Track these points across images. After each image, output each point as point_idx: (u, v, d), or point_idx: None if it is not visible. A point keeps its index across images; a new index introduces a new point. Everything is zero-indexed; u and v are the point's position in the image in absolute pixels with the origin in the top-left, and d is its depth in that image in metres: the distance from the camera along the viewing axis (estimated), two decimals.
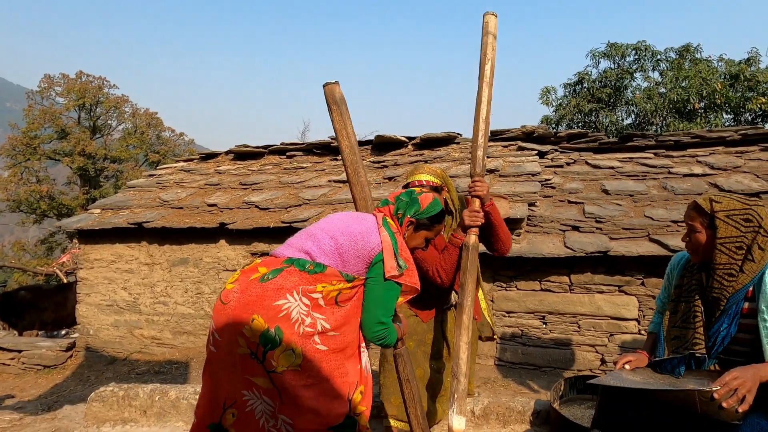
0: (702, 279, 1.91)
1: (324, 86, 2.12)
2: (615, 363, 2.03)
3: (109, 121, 22.71)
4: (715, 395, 1.56)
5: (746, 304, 1.79)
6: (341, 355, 1.58)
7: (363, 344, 1.70)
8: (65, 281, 11.29)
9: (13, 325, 8.12)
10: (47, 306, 8.32)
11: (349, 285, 1.61)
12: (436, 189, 2.37)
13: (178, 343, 5.77)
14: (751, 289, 1.78)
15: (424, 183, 2.34)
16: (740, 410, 1.57)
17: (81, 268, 6.16)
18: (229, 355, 1.55)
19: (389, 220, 1.80)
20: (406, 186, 2.43)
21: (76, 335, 6.67)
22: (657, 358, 2.03)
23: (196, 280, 5.69)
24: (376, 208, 1.89)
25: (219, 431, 1.57)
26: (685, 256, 2.07)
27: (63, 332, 8.68)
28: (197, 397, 2.83)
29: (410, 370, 2.01)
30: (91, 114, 21.80)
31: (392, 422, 2.41)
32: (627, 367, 1.97)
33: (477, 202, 2.24)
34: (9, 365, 5.85)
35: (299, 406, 1.48)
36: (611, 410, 1.96)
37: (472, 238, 2.19)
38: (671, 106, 11.64)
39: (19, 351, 5.90)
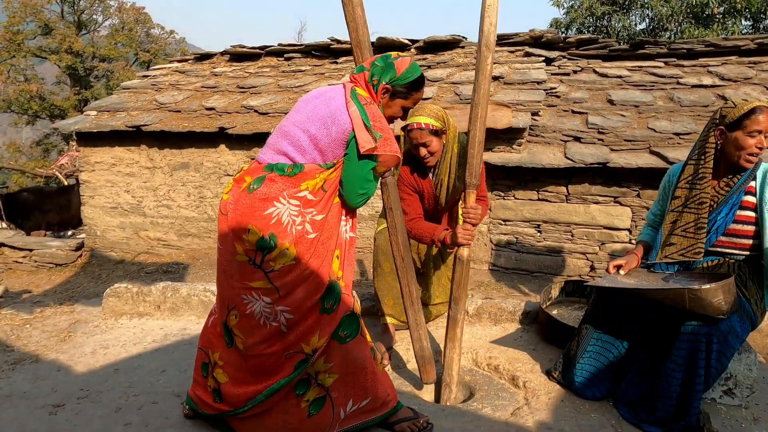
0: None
1: None
2: (607, 267, 2.16)
3: (94, 16, 21.48)
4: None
5: (747, 197, 1.93)
6: (328, 233, 1.67)
7: (344, 212, 1.73)
8: (66, 183, 11.37)
9: (20, 226, 8.32)
10: (51, 207, 8.48)
11: (331, 171, 1.63)
12: (437, 132, 2.30)
13: (183, 244, 5.96)
14: (752, 184, 1.93)
15: (424, 126, 2.26)
16: None
17: (82, 171, 6.19)
18: (228, 263, 1.65)
19: (359, 90, 1.71)
20: (404, 128, 2.35)
21: (83, 236, 6.86)
22: (649, 262, 2.15)
23: (198, 185, 5.75)
24: (351, 75, 1.79)
25: (227, 330, 1.70)
26: (680, 167, 2.13)
27: (69, 233, 8.92)
28: (207, 294, 3.01)
29: (394, 199, 2.03)
30: (75, 8, 20.54)
31: (388, 320, 2.59)
32: (621, 272, 2.10)
33: (473, 196, 2.12)
34: (22, 263, 6.08)
35: (293, 289, 1.60)
36: (605, 308, 2.12)
37: (465, 251, 2.12)
38: (688, 10, 11.03)
39: (30, 250, 6.10)
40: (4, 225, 8.40)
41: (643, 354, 2.03)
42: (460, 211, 2.25)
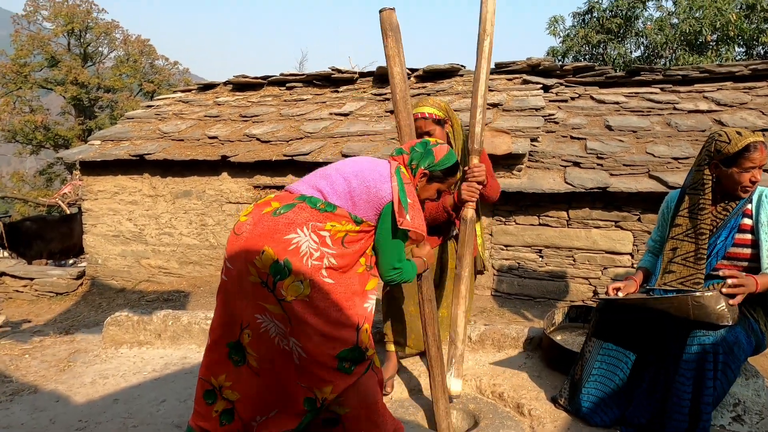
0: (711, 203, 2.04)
1: (380, 12, 2.12)
2: (606, 290, 2.16)
3: (100, 48, 21.95)
4: (724, 287, 1.82)
5: (744, 220, 1.98)
6: (348, 288, 1.66)
7: (369, 288, 1.75)
8: (68, 212, 11.41)
9: (21, 255, 8.31)
10: (53, 236, 8.49)
11: (357, 228, 1.65)
12: (440, 122, 2.36)
13: (184, 272, 5.94)
14: (749, 207, 1.98)
15: (427, 115, 2.32)
16: (732, 303, 1.79)
17: (85, 200, 6.22)
18: (240, 283, 1.63)
19: (402, 169, 1.79)
20: None
21: (84, 264, 6.85)
22: (648, 287, 2.15)
23: (199, 212, 5.78)
24: (390, 156, 1.87)
25: (238, 348, 1.68)
26: (677, 194, 2.16)
27: (71, 262, 8.91)
28: (208, 322, 2.99)
29: (432, 291, 2.11)
30: (81, 40, 21.00)
31: (393, 347, 2.56)
32: (620, 294, 2.10)
33: (476, 159, 2.25)
34: (22, 292, 6.06)
35: (308, 331, 1.58)
36: (608, 324, 2.12)
37: (470, 212, 2.21)
38: (682, 38, 11.25)
39: (31, 279, 6.08)
40: (6, 254, 8.41)
41: (648, 375, 2.02)
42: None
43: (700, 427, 1.79)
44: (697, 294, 1.78)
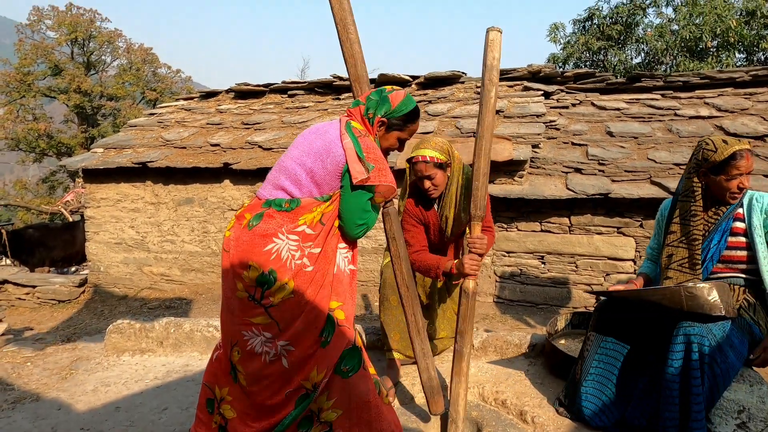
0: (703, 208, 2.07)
1: None
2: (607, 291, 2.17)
3: (103, 57, 22.10)
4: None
5: (736, 224, 2.01)
6: (325, 267, 1.67)
7: (343, 244, 1.74)
8: (70, 220, 11.44)
9: (24, 262, 8.33)
10: (56, 244, 8.50)
11: (328, 203, 1.65)
12: (442, 165, 2.33)
13: (186, 280, 5.95)
14: (740, 211, 2.01)
15: (429, 159, 2.29)
16: None
17: (88, 207, 6.24)
18: (229, 300, 1.67)
19: (354, 123, 1.74)
20: (409, 160, 2.39)
21: (86, 272, 6.86)
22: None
23: (202, 220, 5.79)
24: (348, 109, 1.83)
25: (232, 366, 1.69)
26: (670, 203, 2.18)
27: (73, 269, 8.92)
28: (210, 329, 2.99)
29: (397, 229, 2.02)
30: (84, 49, 21.16)
31: (395, 354, 2.56)
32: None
33: (478, 228, 2.11)
34: (25, 300, 6.06)
35: (293, 322, 1.61)
36: (608, 321, 2.13)
37: (471, 284, 2.10)
38: (683, 44, 11.29)
39: (34, 286, 6.09)
40: (9, 261, 8.42)
41: (647, 375, 2.03)
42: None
43: (692, 427, 1.78)
44: (689, 285, 1.80)
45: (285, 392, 1.62)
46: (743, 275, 2.01)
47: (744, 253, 1.99)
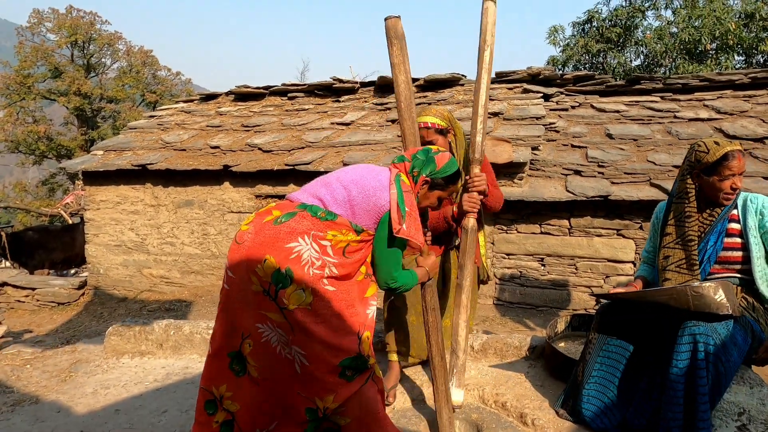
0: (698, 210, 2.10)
1: (386, 20, 2.10)
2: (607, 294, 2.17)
3: (103, 60, 22.13)
4: None
5: (731, 225, 2.03)
6: (349, 296, 1.66)
7: (369, 295, 1.76)
8: (70, 222, 11.44)
9: (24, 265, 8.31)
10: (55, 246, 8.50)
11: (358, 238, 1.66)
12: (442, 131, 2.36)
13: (186, 282, 5.94)
14: (734, 212, 2.04)
15: (430, 125, 2.33)
16: None
17: (87, 209, 6.24)
18: (242, 292, 1.63)
19: (402, 177, 1.79)
20: None
21: (86, 274, 6.86)
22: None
23: (201, 222, 5.79)
24: (392, 163, 1.87)
25: (239, 359, 1.68)
26: (665, 205, 2.19)
27: (72, 271, 8.91)
28: (210, 331, 2.98)
29: (435, 300, 2.08)
30: (84, 51, 21.18)
31: (395, 357, 2.55)
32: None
33: (477, 168, 2.22)
34: (24, 302, 6.06)
35: (310, 339, 1.58)
36: (610, 323, 2.14)
37: (471, 221, 2.20)
38: (682, 46, 11.31)
39: (33, 289, 6.08)
40: (9, 264, 8.41)
41: (647, 376, 2.03)
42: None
43: (699, 426, 1.78)
44: (696, 284, 1.81)
45: (296, 391, 1.61)
46: (738, 275, 2.03)
47: (739, 253, 2.01)
